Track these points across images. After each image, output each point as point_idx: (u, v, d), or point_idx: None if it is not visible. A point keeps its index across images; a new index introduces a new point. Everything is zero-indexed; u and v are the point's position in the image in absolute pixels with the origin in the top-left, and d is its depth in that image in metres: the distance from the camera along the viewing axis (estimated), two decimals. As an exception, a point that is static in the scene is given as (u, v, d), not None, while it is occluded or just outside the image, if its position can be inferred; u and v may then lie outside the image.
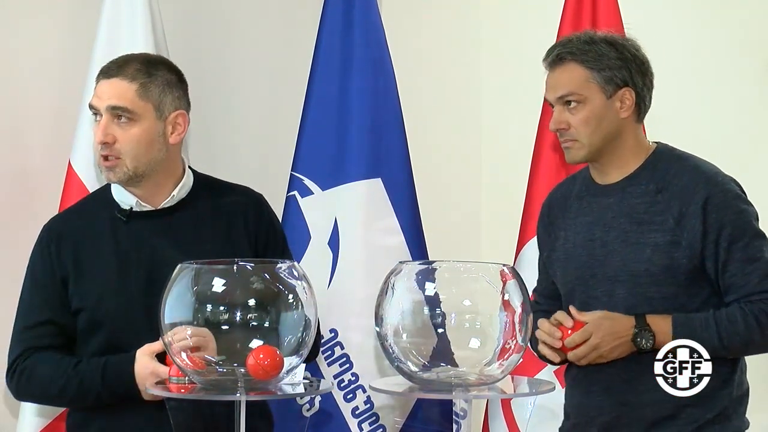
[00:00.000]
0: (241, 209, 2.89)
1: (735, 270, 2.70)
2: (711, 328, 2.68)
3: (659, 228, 2.74)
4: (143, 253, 2.77)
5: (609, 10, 3.64)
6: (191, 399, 2.39)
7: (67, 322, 2.78)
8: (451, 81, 4.47)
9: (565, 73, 2.80)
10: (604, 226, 2.81)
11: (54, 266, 2.80)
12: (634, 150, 2.83)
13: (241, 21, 4.06)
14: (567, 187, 2.97)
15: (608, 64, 2.77)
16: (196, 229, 2.83)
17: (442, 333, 2.24)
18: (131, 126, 2.77)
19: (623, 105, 2.79)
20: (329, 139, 3.73)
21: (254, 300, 2.26)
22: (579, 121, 2.78)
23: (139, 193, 2.82)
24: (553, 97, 2.82)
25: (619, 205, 2.80)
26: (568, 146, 2.81)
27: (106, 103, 2.77)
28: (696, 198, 2.71)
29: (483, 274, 2.33)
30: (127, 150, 2.76)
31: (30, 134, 3.56)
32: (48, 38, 3.59)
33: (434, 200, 4.10)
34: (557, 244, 2.91)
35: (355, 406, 3.67)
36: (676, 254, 2.71)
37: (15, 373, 2.79)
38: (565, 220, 2.90)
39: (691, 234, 2.70)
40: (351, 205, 3.70)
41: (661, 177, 2.78)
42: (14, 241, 3.47)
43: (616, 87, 2.78)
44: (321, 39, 3.77)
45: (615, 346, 2.70)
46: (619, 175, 2.82)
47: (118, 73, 2.79)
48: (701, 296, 2.74)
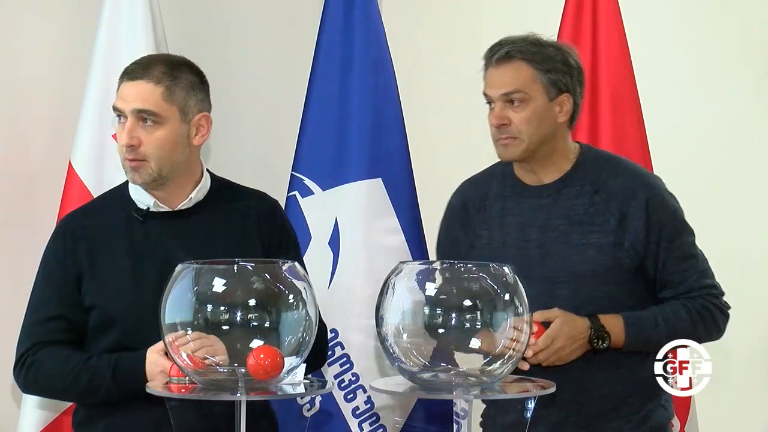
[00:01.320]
0: (255, 214, 2.89)
1: (673, 268, 2.82)
2: (660, 326, 2.79)
3: (601, 229, 2.81)
4: (157, 254, 2.76)
5: (609, 10, 3.64)
6: (191, 399, 2.39)
7: (78, 319, 2.78)
8: (451, 81, 4.46)
9: (512, 70, 2.83)
10: (540, 227, 2.85)
11: (68, 262, 2.79)
12: (565, 153, 2.89)
13: (241, 21, 4.06)
14: (482, 186, 3.00)
15: (555, 67, 2.83)
16: (210, 232, 2.82)
17: (443, 333, 2.24)
18: (156, 129, 2.76)
19: (561, 110, 2.85)
20: (330, 139, 3.73)
21: (255, 300, 2.25)
22: (521, 119, 2.82)
23: (160, 194, 2.82)
24: (497, 94, 2.84)
25: (555, 207, 2.85)
26: (507, 143, 2.84)
27: (132, 106, 2.75)
28: (637, 200, 2.80)
29: (483, 274, 2.33)
30: (153, 152, 2.75)
31: (31, 135, 3.56)
32: (48, 38, 3.60)
33: (435, 200, 4.08)
34: (478, 243, 2.93)
35: (356, 406, 3.67)
36: (618, 254, 2.80)
37: (23, 366, 2.78)
38: (487, 219, 2.93)
39: (633, 235, 2.79)
40: (351, 205, 3.70)
41: (595, 177, 2.85)
42: (15, 241, 3.48)
43: (558, 91, 2.84)
44: (321, 39, 3.77)
45: (574, 348, 2.76)
46: (552, 176, 2.88)
47: (143, 75, 2.77)
48: (636, 292, 2.84)
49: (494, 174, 3.00)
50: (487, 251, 2.89)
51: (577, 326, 2.75)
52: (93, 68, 3.44)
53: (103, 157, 3.42)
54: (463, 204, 3.00)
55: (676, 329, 2.77)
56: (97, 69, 3.43)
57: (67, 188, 3.41)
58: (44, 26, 3.59)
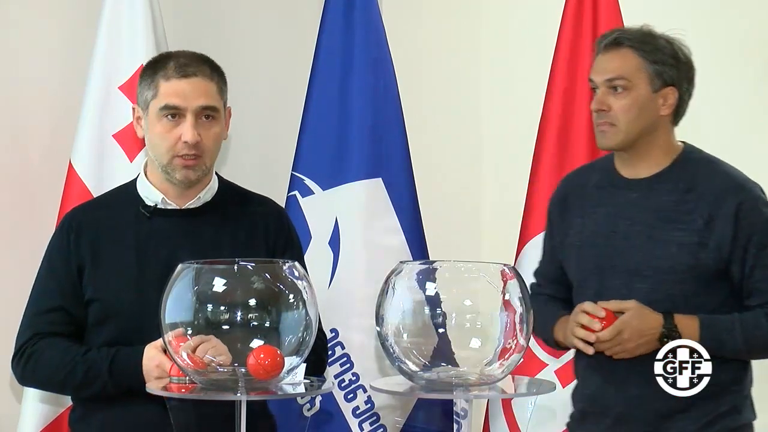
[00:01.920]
0: (262, 219, 2.89)
1: (761, 275, 2.75)
2: (736, 330, 2.73)
3: (686, 227, 2.77)
4: (162, 251, 2.76)
5: (610, 10, 3.64)
6: (192, 399, 2.39)
7: (78, 312, 2.78)
8: (451, 81, 4.47)
9: (619, 57, 2.82)
10: (628, 219, 2.83)
11: (71, 255, 2.79)
12: (665, 148, 2.85)
13: (241, 21, 4.06)
14: (585, 176, 2.99)
15: (662, 59, 2.81)
16: (217, 233, 2.82)
17: (443, 333, 2.24)
18: (213, 125, 2.78)
19: (665, 102, 2.82)
20: (330, 139, 3.73)
21: (255, 300, 2.25)
22: (622, 107, 2.80)
23: (171, 191, 2.81)
24: (601, 79, 2.83)
25: (646, 201, 2.82)
26: (604, 130, 2.82)
27: (197, 103, 2.74)
28: (728, 203, 2.75)
29: (484, 273, 2.33)
30: (209, 148, 2.77)
31: (31, 134, 3.56)
32: (49, 38, 3.59)
33: (435, 200, 4.10)
34: (572, 231, 2.93)
35: (356, 406, 3.67)
36: (701, 255, 2.75)
37: (22, 357, 2.78)
38: (583, 208, 2.92)
39: (720, 237, 2.74)
40: (351, 205, 3.70)
41: (690, 177, 2.81)
42: (14, 241, 3.47)
43: (663, 84, 2.81)
44: (321, 39, 3.77)
45: (640, 343, 2.73)
46: (648, 171, 2.85)
47: (197, 72, 2.77)
48: (720, 296, 2.78)
49: (597, 166, 2.99)
50: (577, 240, 2.90)
51: (648, 322, 2.72)
52: (93, 68, 3.43)
53: (104, 156, 3.42)
54: (564, 192, 3.00)
55: (754, 336, 2.73)
56: (98, 69, 3.43)
57: (68, 188, 3.41)
58: (45, 26, 3.59)
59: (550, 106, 3.70)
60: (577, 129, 3.62)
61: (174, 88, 2.75)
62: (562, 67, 3.67)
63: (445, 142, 4.42)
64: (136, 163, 3.40)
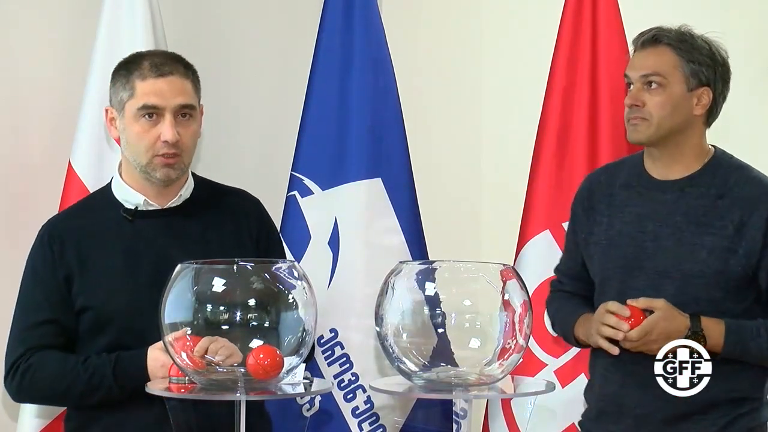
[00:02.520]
0: (244, 211, 2.89)
1: None
2: (762, 337, 2.74)
3: (717, 233, 2.77)
4: (150, 252, 2.75)
5: (609, 11, 3.64)
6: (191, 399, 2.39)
7: (69, 323, 2.75)
8: (451, 81, 4.47)
9: (656, 54, 2.83)
10: (658, 221, 2.83)
11: (56, 265, 2.76)
12: (697, 150, 2.86)
13: (241, 21, 4.06)
14: (611, 174, 2.98)
15: (699, 59, 2.81)
16: (203, 229, 2.82)
17: (442, 333, 2.24)
18: (191, 123, 2.77)
19: (699, 102, 2.82)
20: (329, 139, 3.73)
21: (254, 300, 2.26)
22: (656, 103, 2.80)
23: (152, 191, 2.80)
24: (636, 75, 2.84)
25: (677, 204, 2.82)
26: (636, 123, 2.82)
27: (174, 102, 2.74)
28: (760, 210, 2.76)
29: (483, 274, 2.33)
30: (187, 146, 2.77)
31: (30, 134, 3.55)
32: (48, 38, 3.59)
33: (434, 200, 4.10)
34: (598, 228, 2.92)
35: (356, 406, 3.67)
36: (731, 261, 2.75)
37: (17, 373, 2.74)
38: (610, 206, 2.92)
39: (750, 244, 2.75)
40: (351, 205, 3.70)
41: (722, 183, 2.81)
42: (14, 242, 3.46)
43: (699, 83, 2.82)
44: (321, 39, 3.77)
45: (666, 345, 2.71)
46: (679, 173, 2.85)
47: (173, 71, 2.76)
48: (746, 303, 2.79)
49: (625, 164, 2.99)
50: (603, 238, 2.90)
51: (675, 324, 2.71)
52: (93, 68, 3.43)
53: (103, 157, 3.41)
54: (590, 189, 3.00)
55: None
56: (97, 69, 3.42)
57: (67, 188, 3.40)
58: (44, 26, 3.59)
59: (549, 105, 3.69)
60: (576, 129, 3.62)
61: (151, 87, 2.73)
62: (562, 66, 3.66)
63: (445, 142, 4.42)
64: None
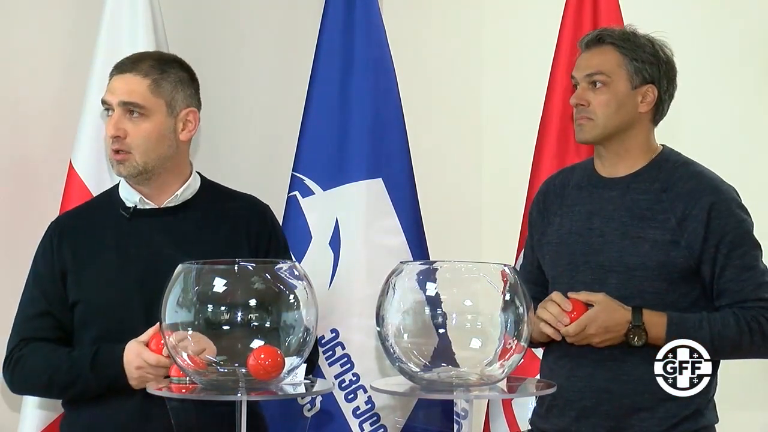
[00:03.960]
0: (244, 216, 2.91)
1: (731, 276, 2.78)
2: (704, 329, 2.75)
3: (660, 226, 2.80)
4: (142, 250, 2.79)
5: (610, 10, 3.64)
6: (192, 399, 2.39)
7: (64, 316, 2.81)
8: (452, 81, 4.47)
9: (600, 54, 2.88)
10: (604, 217, 2.87)
11: (54, 260, 2.83)
12: (643, 148, 2.89)
13: (242, 21, 4.06)
14: (565, 176, 3.04)
15: (642, 57, 2.85)
16: (197, 230, 2.84)
17: (443, 333, 2.24)
18: (143, 121, 2.80)
19: (644, 100, 2.86)
20: (330, 140, 3.73)
21: (255, 300, 2.25)
22: (600, 102, 2.84)
23: (145, 191, 2.85)
24: (581, 75, 2.88)
25: (622, 199, 2.86)
26: (582, 123, 2.87)
27: (119, 98, 2.80)
28: (701, 203, 2.79)
29: (484, 274, 2.33)
30: (138, 144, 2.79)
31: (31, 135, 3.56)
32: (50, 38, 3.59)
33: (435, 200, 4.10)
34: (550, 229, 2.97)
35: (356, 407, 3.67)
36: (672, 253, 2.78)
37: (11, 363, 2.82)
38: (562, 207, 2.96)
39: (692, 236, 2.78)
40: (352, 205, 3.70)
41: (666, 178, 2.85)
42: (15, 242, 3.47)
43: (643, 81, 2.85)
44: (322, 39, 3.77)
45: (606, 339, 2.77)
46: (625, 170, 2.88)
47: (131, 69, 2.83)
48: (691, 296, 2.82)
49: (579, 166, 3.04)
50: (555, 237, 2.94)
51: (615, 318, 2.75)
52: (94, 68, 3.43)
53: (104, 157, 3.41)
54: (545, 191, 3.06)
55: (720, 335, 2.75)
56: (98, 69, 3.42)
57: (68, 188, 3.41)
58: (45, 26, 3.59)
59: (550, 105, 3.70)
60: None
61: (110, 84, 2.85)
62: (563, 67, 3.67)
63: (446, 142, 4.42)
64: (136, 163, 3.40)
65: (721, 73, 4.02)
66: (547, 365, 2.96)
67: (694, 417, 2.81)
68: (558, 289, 2.84)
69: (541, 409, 2.97)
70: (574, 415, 2.85)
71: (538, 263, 3.01)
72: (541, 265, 3.00)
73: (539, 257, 3.00)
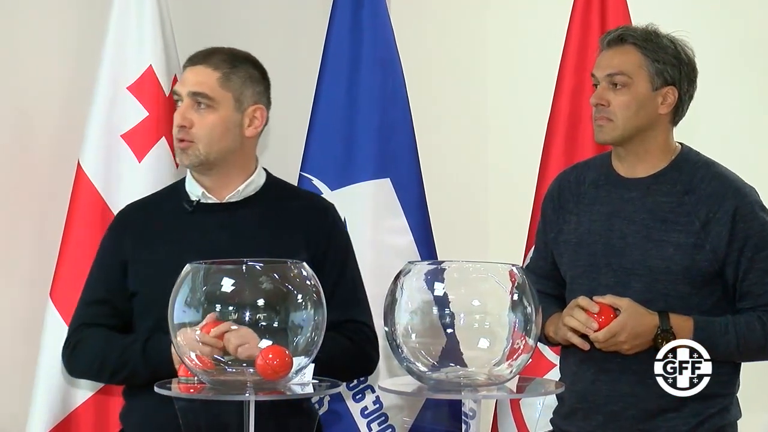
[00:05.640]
0: (304, 214, 2.92)
1: (755, 279, 2.78)
2: (730, 333, 2.75)
3: (683, 229, 2.79)
4: (202, 244, 2.81)
5: (618, 10, 3.64)
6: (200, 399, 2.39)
7: (122, 305, 2.86)
8: (459, 81, 4.47)
9: (621, 54, 2.84)
10: (625, 219, 2.84)
11: (116, 249, 2.88)
12: (663, 148, 2.87)
13: (249, 21, 4.06)
14: (579, 172, 3.00)
15: (664, 58, 2.83)
16: (255, 227, 2.86)
17: (451, 333, 2.24)
18: (209, 113, 2.83)
19: (664, 101, 2.84)
20: (338, 140, 3.73)
21: (263, 300, 2.25)
22: (620, 103, 2.82)
23: (208, 183, 2.88)
24: (602, 75, 2.85)
25: (643, 201, 2.84)
26: (602, 124, 2.84)
27: (189, 89, 2.84)
28: (725, 206, 2.77)
29: (492, 274, 2.32)
30: (202, 135, 2.82)
31: (39, 135, 3.56)
32: (57, 39, 3.60)
33: (443, 200, 4.10)
34: (567, 227, 2.94)
35: (364, 406, 3.67)
36: (697, 256, 2.77)
37: (68, 347, 2.88)
38: (578, 205, 2.94)
39: (716, 240, 2.76)
40: (360, 205, 3.70)
41: (688, 180, 2.83)
42: (23, 242, 3.47)
43: (664, 82, 2.83)
44: (330, 39, 3.77)
45: (635, 345, 2.74)
46: (645, 171, 2.86)
47: (203, 61, 2.86)
48: (713, 298, 2.81)
49: (594, 163, 3.01)
50: (573, 236, 2.92)
51: (644, 324, 2.73)
52: (102, 69, 3.44)
53: (112, 157, 3.42)
54: (559, 188, 3.02)
55: (746, 340, 2.75)
56: (106, 69, 3.43)
57: (76, 188, 3.41)
58: (53, 27, 3.59)
59: (558, 105, 3.69)
60: (585, 129, 3.61)
61: (182, 75, 2.89)
62: (571, 67, 3.67)
63: (454, 142, 4.42)
64: (144, 163, 3.41)
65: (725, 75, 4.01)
66: (569, 368, 2.94)
67: (720, 414, 2.81)
68: (578, 290, 2.83)
69: (563, 410, 2.96)
70: (601, 420, 2.84)
71: (552, 258, 2.99)
72: (555, 261, 2.98)
73: (555, 255, 2.98)
